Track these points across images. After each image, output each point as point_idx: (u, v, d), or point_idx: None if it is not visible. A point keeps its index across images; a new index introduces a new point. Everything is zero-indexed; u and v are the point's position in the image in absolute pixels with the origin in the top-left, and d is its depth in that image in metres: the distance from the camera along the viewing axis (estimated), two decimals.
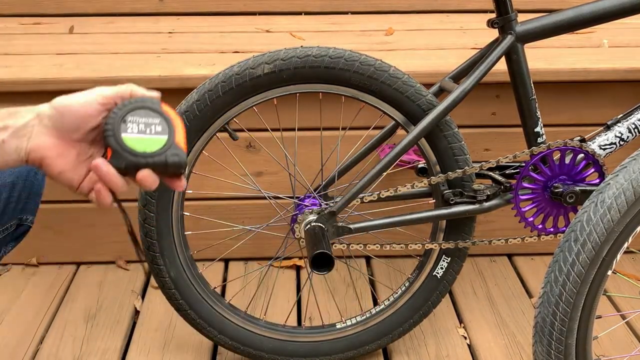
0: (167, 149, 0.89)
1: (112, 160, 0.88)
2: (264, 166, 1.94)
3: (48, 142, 0.88)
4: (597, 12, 1.49)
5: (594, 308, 1.19)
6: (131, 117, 0.88)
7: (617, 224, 1.13)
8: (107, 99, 0.89)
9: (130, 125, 0.88)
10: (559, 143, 1.50)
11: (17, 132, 0.88)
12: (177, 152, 0.89)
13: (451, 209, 1.54)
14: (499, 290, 1.94)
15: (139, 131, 0.88)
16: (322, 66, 1.44)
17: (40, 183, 1.32)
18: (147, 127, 0.89)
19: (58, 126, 0.88)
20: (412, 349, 1.72)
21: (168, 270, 1.54)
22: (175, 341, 1.74)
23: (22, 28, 2.36)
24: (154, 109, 0.89)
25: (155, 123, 0.89)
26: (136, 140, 0.88)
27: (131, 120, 0.88)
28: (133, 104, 0.89)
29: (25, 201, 1.29)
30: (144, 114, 0.89)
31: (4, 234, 1.28)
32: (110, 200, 0.91)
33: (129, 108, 0.88)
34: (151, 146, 0.88)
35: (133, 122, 0.88)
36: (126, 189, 0.90)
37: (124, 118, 0.88)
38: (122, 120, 0.88)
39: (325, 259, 1.39)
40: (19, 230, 1.32)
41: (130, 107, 0.88)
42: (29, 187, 1.28)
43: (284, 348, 1.62)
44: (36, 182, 1.30)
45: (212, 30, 2.33)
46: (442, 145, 1.51)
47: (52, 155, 0.89)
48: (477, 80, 1.48)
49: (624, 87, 1.92)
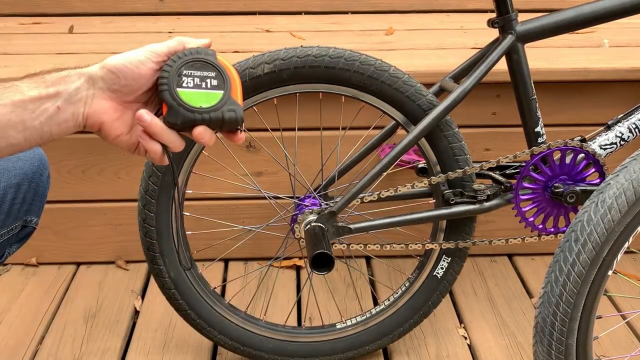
0: (223, 104, 0.85)
1: (168, 116, 0.85)
2: (264, 166, 1.94)
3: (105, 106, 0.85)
4: (597, 11, 1.49)
5: (595, 308, 1.19)
6: (186, 71, 0.85)
7: (617, 224, 1.13)
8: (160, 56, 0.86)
9: (185, 79, 0.85)
10: (559, 143, 1.50)
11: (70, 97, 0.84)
12: (234, 107, 0.86)
13: (451, 209, 1.54)
14: (500, 291, 1.94)
15: (194, 85, 0.85)
16: (322, 66, 1.44)
17: (45, 185, 1.31)
18: (203, 81, 0.85)
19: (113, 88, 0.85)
20: (412, 349, 1.72)
21: (168, 270, 1.54)
22: (175, 341, 1.74)
23: (22, 28, 2.36)
24: (209, 61, 0.86)
25: (211, 76, 0.86)
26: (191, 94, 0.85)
27: (186, 73, 0.85)
28: (188, 57, 0.85)
29: (31, 203, 1.28)
30: (199, 67, 0.85)
31: (8, 235, 1.27)
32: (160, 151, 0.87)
33: (183, 61, 0.85)
34: (207, 101, 0.85)
35: (188, 75, 0.85)
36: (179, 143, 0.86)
37: (179, 71, 0.85)
38: (177, 74, 0.84)
39: (326, 259, 1.39)
40: (24, 231, 1.31)
41: (186, 59, 0.85)
42: (34, 189, 1.28)
43: (284, 348, 1.62)
44: (41, 183, 1.29)
45: (212, 30, 2.33)
46: (443, 145, 1.50)
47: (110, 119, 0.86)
48: (477, 80, 1.48)
49: (624, 87, 1.92)
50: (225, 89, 0.86)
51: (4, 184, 1.22)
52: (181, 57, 0.85)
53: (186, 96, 0.84)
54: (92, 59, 1.96)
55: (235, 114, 0.86)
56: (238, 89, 0.87)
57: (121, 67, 0.85)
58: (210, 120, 0.85)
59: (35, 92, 0.83)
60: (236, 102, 0.86)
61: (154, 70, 0.86)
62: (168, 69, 0.85)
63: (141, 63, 0.86)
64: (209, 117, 0.85)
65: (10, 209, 1.24)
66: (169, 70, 0.85)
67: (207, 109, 0.85)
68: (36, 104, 0.83)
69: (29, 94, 0.83)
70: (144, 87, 0.86)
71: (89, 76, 0.85)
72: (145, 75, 0.85)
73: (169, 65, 0.85)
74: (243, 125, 0.88)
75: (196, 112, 0.84)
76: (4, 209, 1.22)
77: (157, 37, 2.24)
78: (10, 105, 0.82)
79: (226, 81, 0.86)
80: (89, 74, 0.85)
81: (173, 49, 0.87)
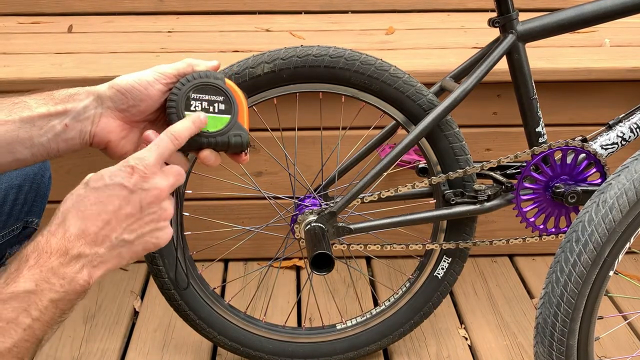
0: (230, 129, 0.87)
1: None
2: (264, 166, 1.93)
3: (112, 125, 0.86)
4: (598, 11, 1.49)
5: (596, 309, 1.19)
6: (195, 94, 0.86)
7: (619, 224, 1.13)
8: (168, 78, 0.87)
9: (193, 103, 0.86)
10: (560, 143, 1.50)
11: (79, 115, 0.85)
12: (239, 132, 0.88)
13: (452, 209, 1.53)
14: (500, 291, 1.94)
15: (202, 109, 0.86)
16: (322, 65, 1.44)
17: (47, 185, 1.31)
18: (211, 105, 0.87)
19: (120, 108, 0.86)
20: (412, 350, 1.71)
21: (167, 271, 1.53)
22: (175, 342, 1.73)
23: (21, 27, 2.36)
24: (217, 85, 0.87)
25: (219, 101, 0.87)
26: None
27: (195, 97, 0.86)
28: (197, 80, 0.86)
29: (32, 204, 1.28)
30: (207, 91, 0.86)
31: (9, 236, 1.27)
32: None
33: (192, 84, 0.86)
34: (214, 125, 0.87)
35: (197, 99, 0.86)
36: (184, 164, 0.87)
37: (187, 95, 0.86)
38: (186, 97, 0.86)
39: (326, 260, 1.38)
40: (25, 232, 1.31)
41: (194, 83, 0.86)
42: (36, 190, 1.27)
43: (284, 349, 1.62)
44: (43, 184, 1.29)
45: (211, 30, 2.33)
46: (443, 145, 1.50)
47: (116, 138, 0.87)
48: (478, 80, 1.48)
49: (625, 86, 1.91)
50: (233, 113, 0.87)
51: (6, 185, 1.22)
52: (190, 81, 0.86)
53: None
54: (92, 59, 1.98)
55: (241, 138, 0.88)
56: (245, 113, 0.89)
57: (129, 88, 0.85)
58: (216, 144, 0.87)
59: (43, 109, 0.84)
60: (242, 127, 0.88)
61: (162, 92, 0.87)
62: (177, 92, 0.86)
63: (149, 84, 0.86)
64: (216, 141, 0.87)
65: (11, 210, 1.24)
66: (177, 93, 0.86)
67: (214, 133, 0.87)
68: (44, 120, 0.84)
69: (37, 111, 0.84)
70: (152, 107, 0.87)
71: (98, 95, 0.86)
72: (153, 96, 0.86)
73: (177, 89, 0.86)
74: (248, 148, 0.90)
75: (203, 136, 0.86)
76: (5, 210, 1.22)
77: (156, 36, 2.24)
78: (18, 121, 0.83)
79: (234, 106, 0.87)
80: (98, 93, 0.86)
81: (182, 70, 0.87)
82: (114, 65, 1.91)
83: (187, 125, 0.83)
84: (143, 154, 0.80)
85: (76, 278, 0.76)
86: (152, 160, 0.80)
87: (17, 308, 0.74)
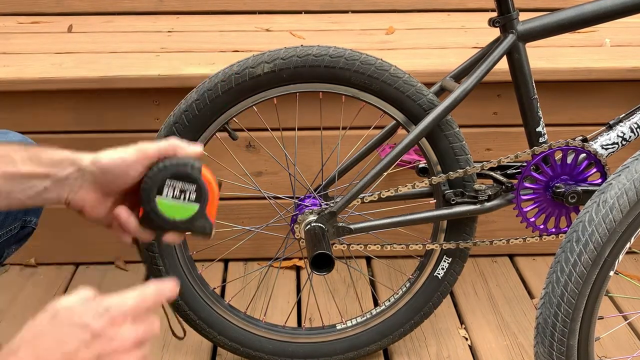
0: (196, 219, 0.91)
1: (143, 219, 0.91)
2: (264, 166, 1.93)
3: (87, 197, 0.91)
4: (599, 11, 1.48)
5: (596, 309, 1.19)
6: (169, 181, 0.90)
7: (619, 224, 1.13)
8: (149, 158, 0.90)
9: (166, 189, 0.90)
10: (560, 143, 1.50)
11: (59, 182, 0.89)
12: (204, 223, 0.92)
13: (452, 209, 1.53)
14: (501, 291, 1.93)
15: (173, 196, 0.90)
16: (322, 65, 1.43)
17: None
18: (182, 193, 0.90)
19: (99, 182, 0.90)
20: (413, 350, 1.71)
21: (167, 271, 1.53)
22: (175, 342, 1.73)
23: (21, 27, 2.35)
24: (192, 175, 0.90)
25: (190, 190, 0.90)
26: (169, 205, 0.90)
27: (168, 184, 0.90)
28: (174, 167, 0.90)
29: None
30: (181, 179, 0.90)
31: (7, 235, 1.27)
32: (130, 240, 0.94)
33: (168, 172, 0.89)
34: (182, 213, 0.91)
35: (169, 186, 0.90)
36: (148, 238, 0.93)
37: (161, 180, 0.89)
38: (160, 182, 0.89)
39: (326, 260, 1.38)
40: (23, 232, 1.31)
41: (170, 170, 0.90)
42: None
43: (284, 349, 1.62)
44: None
45: (211, 29, 2.33)
46: (443, 145, 1.50)
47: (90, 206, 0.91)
48: (478, 80, 1.48)
49: (626, 86, 1.91)
50: (202, 203, 0.91)
51: None
52: (167, 167, 0.90)
53: (163, 206, 0.90)
54: (91, 59, 1.97)
55: (204, 229, 0.92)
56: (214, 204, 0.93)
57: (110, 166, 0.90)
58: (179, 229, 0.92)
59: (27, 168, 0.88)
60: (208, 219, 0.92)
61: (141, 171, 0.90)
62: (152, 176, 0.89)
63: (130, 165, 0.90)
64: (179, 227, 0.91)
65: None
66: (152, 177, 0.89)
67: (180, 221, 0.91)
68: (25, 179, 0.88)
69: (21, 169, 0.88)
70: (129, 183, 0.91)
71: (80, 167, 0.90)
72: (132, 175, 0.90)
73: (153, 171, 0.89)
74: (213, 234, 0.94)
75: (169, 223, 0.91)
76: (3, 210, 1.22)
77: (156, 36, 2.24)
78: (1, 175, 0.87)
79: (204, 196, 0.91)
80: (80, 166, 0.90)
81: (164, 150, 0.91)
82: (113, 65, 1.90)
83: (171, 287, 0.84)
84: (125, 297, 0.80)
85: None
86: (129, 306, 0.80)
87: None
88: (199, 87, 1.47)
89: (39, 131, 1.87)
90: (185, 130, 1.45)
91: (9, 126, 1.84)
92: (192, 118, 1.45)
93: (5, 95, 1.83)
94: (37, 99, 1.85)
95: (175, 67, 1.88)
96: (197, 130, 1.46)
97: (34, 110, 1.87)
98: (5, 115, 1.85)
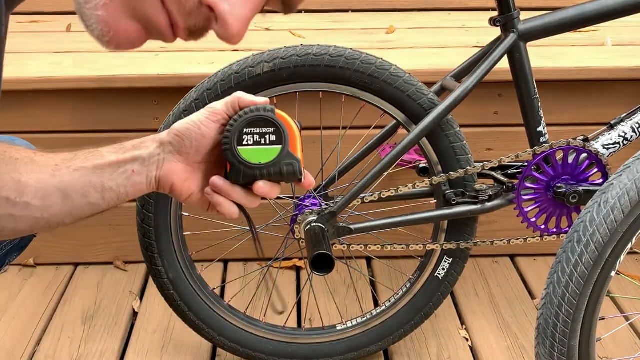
0: (281, 159, 0.91)
1: (231, 174, 0.91)
2: None
3: (175, 168, 0.92)
4: (600, 10, 1.48)
5: (597, 309, 1.18)
6: (247, 129, 0.90)
7: (620, 224, 1.12)
8: (218, 114, 0.92)
9: (246, 137, 0.90)
10: (561, 142, 1.49)
11: (144, 162, 0.91)
12: (291, 161, 0.91)
13: (453, 210, 1.53)
14: (501, 292, 1.93)
15: (254, 142, 0.90)
16: (322, 65, 1.43)
17: None
18: (262, 137, 0.91)
19: (180, 150, 0.92)
20: (413, 351, 1.71)
21: (166, 271, 1.53)
22: (174, 343, 1.72)
23: (20, 26, 2.35)
24: (268, 117, 0.91)
25: (269, 132, 0.91)
26: (252, 151, 0.90)
27: (247, 131, 0.90)
28: (248, 115, 0.90)
29: None
30: (259, 124, 0.90)
31: (10, 245, 1.27)
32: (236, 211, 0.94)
33: (244, 119, 0.90)
34: (266, 156, 0.90)
35: (249, 133, 0.90)
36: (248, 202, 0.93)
37: (240, 130, 0.90)
38: (239, 132, 0.90)
39: (326, 260, 1.37)
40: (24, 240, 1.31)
41: (246, 118, 0.90)
42: None
43: (284, 350, 1.61)
44: None
45: None
46: (444, 145, 1.49)
47: (180, 180, 0.92)
48: (479, 79, 1.47)
49: (627, 85, 1.90)
50: (284, 143, 0.91)
51: None
52: (242, 116, 0.91)
53: (246, 154, 0.90)
54: (90, 58, 1.97)
55: (293, 167, 0.91)
56: (297, 142, 0.93)
57: (184, 130, 0.92)
58: (269, 174, 0.91)
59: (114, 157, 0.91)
60: (294, 156, 0.92)
61: (215, 130, 0.92)
62: (230, 129, 0.90)
63: (202, 124, 0.92)
64: (268, 172, 0.91)
65: None
66: (230, 130, 0.90)
67: (266, 165, 0.91)
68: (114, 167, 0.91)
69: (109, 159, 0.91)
70: (208, 146, 0.92)
71: (160, 141, 0.92)
72: (207, 135, 0.92)
73: (230, 125, 0.91)
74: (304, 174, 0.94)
75: (255, 169, 0.90)
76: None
77: None
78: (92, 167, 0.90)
79: (284, 136, 0.91)
80: (160, 139, 0.93)
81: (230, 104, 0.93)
82: (113, 65, 1.90)
83: None
84: None
85: None
86: None
87: None
88: (198, 86, 1.46)
89: (38, 131, 1.86)
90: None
91: (8, 126, 1.84)
92: None
93: (4, 95, 1.80)
94: (36, 99, 1.85)
95: (174, 66, 1.88)
96: None
97: (33, 110, 1.86)
98: (4, 115, 1.85)
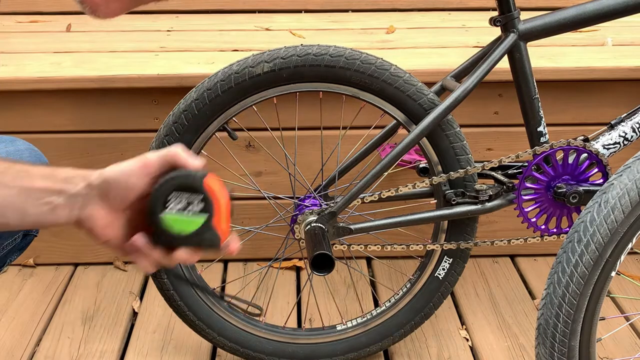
0: (203, 231, 0.88)
1: (152, 237, 0.89)
2: (264, 166, 1.92)
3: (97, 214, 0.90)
4: (600, 10, 1.48)
5: (598, 310, 1.18)
6: (174, 194, 0.88)
7: (621, 224, 1.12)
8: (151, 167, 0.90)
9: (171, 202, 0.88)
10: (562, 142, 1.49)
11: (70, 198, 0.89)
12: (211, 236, 0.89)
13: (453, 210, 1.52)
14: (502, 292, 1.93)
15: (177, 210, 0.88)
16: (322, 65, 1.43)
17: None
18: (188, 206, 0.88)
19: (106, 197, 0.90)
20: (413, 351, 1.71)
21: (166, 271, 1.53)
22: (174, 343, 1.72)
23: (19, 26, 2.35)
24: (196, 186, 0.88)
25: (195, 201, 0.88)
26: (174, 220, 0.88)
27: (173, 197, 0.88)
28: (177, 180, 0.88)
29: None
30: (187, 189, 0.88)
31: (11, 245, 1.28)
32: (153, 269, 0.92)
33: (171, 185, 0.88)
34: (188, 226, 0.88)
35: (175, 197, 0.88)
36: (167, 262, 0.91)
37: (166, 195, 0.88)
38: (165, 198, 0.88)
39: (326, 260, 1.37)
40: (25, 240, 1.32)
41: (173, 183, 0.88)
42: None
43: (284, 350, 1.61)
44: None
45: (211, 29, 2.32)
46: (444, 145, 1.49)
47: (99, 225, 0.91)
48: (479, 79, 1.47)
49: (628, 85, 1.90)
50: (208, 216, 0.88)
51: None
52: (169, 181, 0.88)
53: (169, 222, 0.88)
54: (90, 58, 1.97)
55: (211, 242, 0.89)
56: (223, 213, 0.89)
57: (113, 179, 0.90)
58: (187, 244, 0.89)
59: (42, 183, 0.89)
60: (215, 232, 0.89)
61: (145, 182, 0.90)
62: (156, 193, 0.88)
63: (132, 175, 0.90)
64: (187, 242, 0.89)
65: None
66: (156, 194, 0.88)
67: (186, 236, 0.88)
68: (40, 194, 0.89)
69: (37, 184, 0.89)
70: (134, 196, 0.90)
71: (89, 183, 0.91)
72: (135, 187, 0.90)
73: (157, 189, 0.88)
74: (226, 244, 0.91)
75: (175, 238, 0.88)
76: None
77: (155, 35, 2.23)
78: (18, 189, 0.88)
79: (210, 207, 0.88)
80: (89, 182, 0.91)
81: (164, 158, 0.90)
82: (112, 65, 1.90)
83: None
84: None
85: None
86: None
87: None
88: (198, 86, 1.46)
89: (38, 131, 1.86)
90: (184, 130, 1.45)
91: (8, 126, 1.84)
92: (192, 118, 1.44)
93: (4, 94, 1.82)
94: (36, 99, 1.84)
95: (174, 66, 1.88)
96: (196, 130, 1.46)
97: (33, 110, 1.86)
98: (3, 115, 1.85)
